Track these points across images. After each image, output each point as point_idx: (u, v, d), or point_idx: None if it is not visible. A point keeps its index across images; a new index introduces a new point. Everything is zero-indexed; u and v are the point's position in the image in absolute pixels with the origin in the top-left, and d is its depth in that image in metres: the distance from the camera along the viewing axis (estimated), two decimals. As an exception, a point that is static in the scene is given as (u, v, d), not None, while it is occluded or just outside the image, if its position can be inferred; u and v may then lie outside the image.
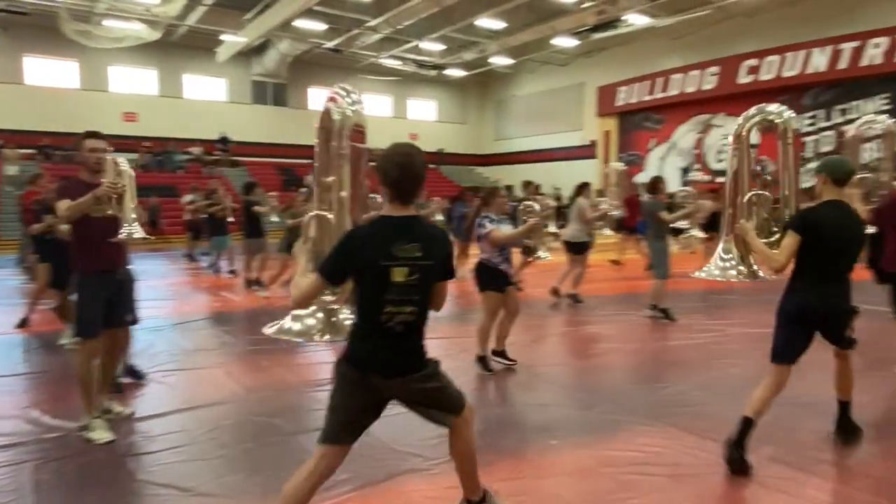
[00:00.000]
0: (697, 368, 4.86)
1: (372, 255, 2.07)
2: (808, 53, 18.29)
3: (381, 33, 20.16)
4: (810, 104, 19.02)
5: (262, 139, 25.52)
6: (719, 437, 3.44)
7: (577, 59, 25.65)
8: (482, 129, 31.88)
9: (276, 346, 5.55)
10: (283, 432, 3.57)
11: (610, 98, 24.70)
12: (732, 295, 8.72)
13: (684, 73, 21.78)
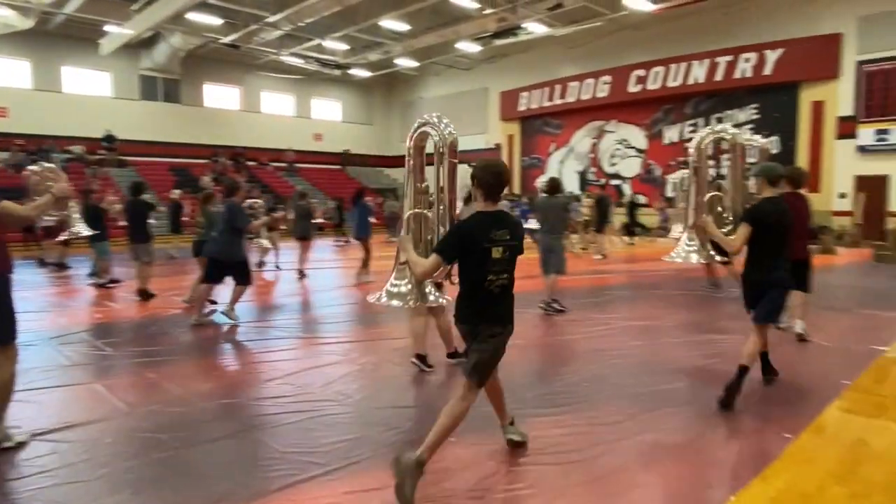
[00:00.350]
0: (587, 361, 5.13)
1: (478, 240, 2.82)
2: (689, 66, 19.85)
3: (282, 30, 19.60)
4: (691, 112, 20.63)
5: (153, 137, 23.98)
6: (606, 424, 3.67)
7: (481, 65, 26.27)
8: (389, 131, 31.81)
9: (164, 358, 5.26)
10: (169, 447, 3.39)
11: (512, 103, 25.52)
12: (622, 291, 9.30)
13: (580, 81, 22.92)
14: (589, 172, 23.85)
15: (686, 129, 20.81)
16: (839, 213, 17.11)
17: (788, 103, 18.32)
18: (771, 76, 18.21)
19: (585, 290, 9.18)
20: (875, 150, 16.76)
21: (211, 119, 25.82)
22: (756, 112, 19.15)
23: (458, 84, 27.74)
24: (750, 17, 18.60)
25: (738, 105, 19.51)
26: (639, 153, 22.22)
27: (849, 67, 17.09)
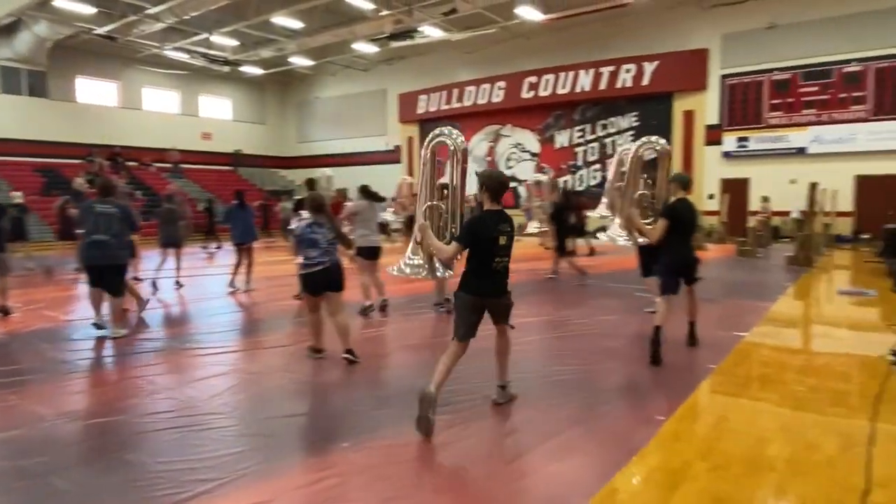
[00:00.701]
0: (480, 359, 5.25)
1: (489, 231, 3.70)
2: (577, 74, 20.98)
3: (165, 23, 18.43)
4: (579, 119, 21.80)
5: (16, 135, 21.68)
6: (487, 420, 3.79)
7: (379, 66, 26.20)
8: (284, 131, 30.89)
9: (28, 378, 4.78)
10: (34, 475, 3.08)
11: (411, 105, 25.66)
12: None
13: (476, 85, 23.50)
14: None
15: (575, 135, 21.96)
16: (708, 212, 18.77)
17: (664, 112, 19.87)
18: (648, 86, 19.68)
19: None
20: (737, 155, 18.60)
21: (85, 115, 23.75)
22: (636, 119, 20.58)
23: (356, 85, 27.50)
24: (629, 30, 19.97)
25: (621, 112, 20.88)
26: (533, 157, 23.14)
27: (714, 80, 18.86)
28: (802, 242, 11.81)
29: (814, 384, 4.54)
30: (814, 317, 7.61)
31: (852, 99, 16.69)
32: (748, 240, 14.28)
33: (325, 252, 5.04)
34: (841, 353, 5.52)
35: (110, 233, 5.99)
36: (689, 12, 19.00)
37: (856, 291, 8.67)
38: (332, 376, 4.82)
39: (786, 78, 17.62)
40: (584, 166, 21.82)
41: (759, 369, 5.04)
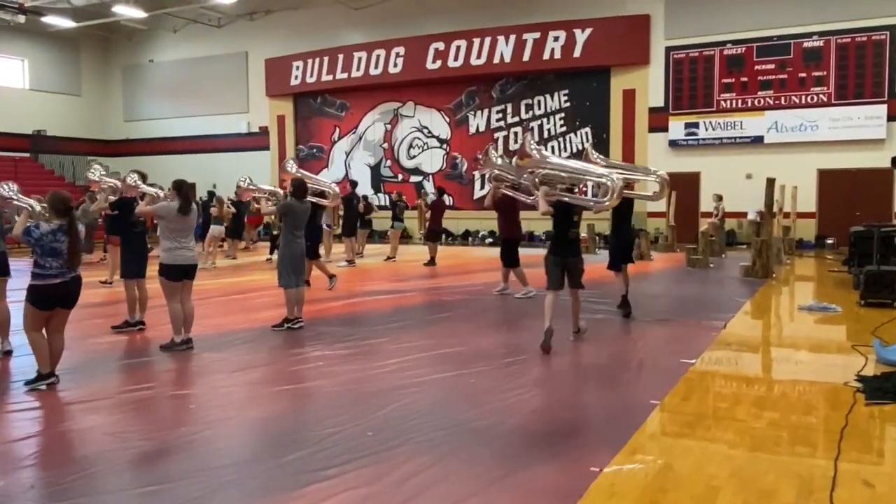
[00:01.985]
0: (377, 402, 5.26)
1: (568, 208, 7.18)
2: (495, 41, 21.58)
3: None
4: (499, 97, 22.44)
5: None
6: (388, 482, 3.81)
7: (238, 21, 25.71)
8: (105, 105, 29.56)
9: None
10: None
11: (283, 75, 25.34)
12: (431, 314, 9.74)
13: (368, 51, 23.59)
14: (383, 166, 24.56)
15: (494, 116, 22.55)
16: (654, 213, 19.86)
17: (600, 91, 20.92)
18: (580, 58, 20.65)
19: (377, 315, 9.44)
20: (685, 145, 19.84)
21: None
22: (567, 100, 21.46)
23: (207, 46, 26.79)
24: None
25: (549, 90, 21.74)
26: (441, 144, 23.49)
27: (658, 53, 20.08)
28: (760, 249, 12.79)
29: (772, 419, 4.92)
30: (772, 338, 8.25)
31: (813, 79, 18.36)
32: (699, 247, 15.25)
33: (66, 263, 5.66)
34: (802, 380, 6.02)
35: None
36: (627, -30, 20.15)
37: (819, 307, 9.49)
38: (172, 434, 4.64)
39: (739, 52, 19.10)
40: (506, 156, 22.41)
41: (710, 403, 5.39)
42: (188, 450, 4.44)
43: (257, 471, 4.03)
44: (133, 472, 4.13)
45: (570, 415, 5.01)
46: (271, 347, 7.46)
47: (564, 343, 7.36)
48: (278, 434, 4.68)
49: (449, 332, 8.12)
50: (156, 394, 5.79)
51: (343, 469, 3.98)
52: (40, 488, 3.82)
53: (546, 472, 3.97)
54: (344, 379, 6.05)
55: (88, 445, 4.57)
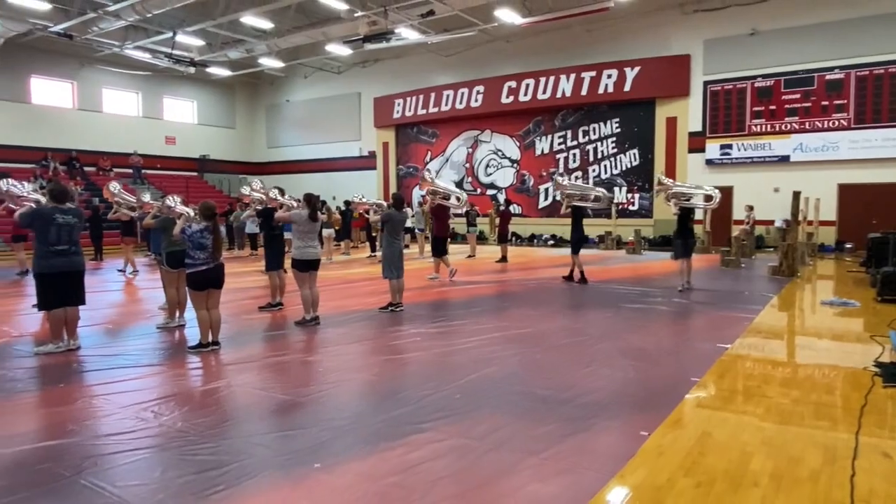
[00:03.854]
0: (462, 372, 5.27)
1: (689, 211, 10.27)
2: (558, 79, 21.23)
3: (126, 20, 18.21)
4: (560, 125, 22.06)
5: (-37, 137, 21.18)
6: (473, 435, 3.80)
7: (353, 68, 26.23)
8: (253, 135, 30.67)
9: None
10: None
11: (387, 110, 25.69)
12: (500, 302, 9.68)
13: (454, 90, 23.63)
14: (465, 182, 24.59)
15: (556, 141, 22.22)
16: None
17: (646, 118, 20.23)
18: (630, 92, 20.01)
19: (458, 302, 9.46)
20: (721, 163, 18.98)
21: (39, 117, 23.27)
22: (618, 126, 20.92)
23: (329, 88, 27.45)
24: (611, 35, 20.32)
25: (602, 119, 21.20)
26: (512, 163, 23.31)
27: (697, 86, 19.25)
28: (786, 252, 12.09)
29: (797, 397, 4.64)
30: (797, 328, 7.78)
31: (834, 107, 17.19)
32: (732, 249, 14.56)
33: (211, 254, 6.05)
34: (825, 364, 5.65)
35: (74, 240, 6.06)
36: (670, 18, 19.42)
37: (840, 302, 8.89)
38: (303, 391, 4.78)
39: (768, 85, 18.08)
40: (565, 173, 22.06)
41: (743, 382, 5.13)
42: (316, 403, 4.57)
43: (370, 422, 4.10)
44: (274, 419, 4.28)
45: (622, 388, 4.86)
46: (378, 325, 7.57)
47: (616, 329, 7.18)
48: (385, 393, 4.75)
49: (518, 316, 8.04)
50: (292, 359, 5.99)
51: (437, 423, 4.01)
52: (204, 428, 4.00)
53: (602, 434, 3.89)
54: (435, 352, 6.08)
55: (240, 398, 4.76)
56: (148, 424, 4.08)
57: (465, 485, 3.15)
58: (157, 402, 4.57)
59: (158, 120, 27.17)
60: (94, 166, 24.20)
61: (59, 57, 23.07)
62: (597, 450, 3.62)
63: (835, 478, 3.23)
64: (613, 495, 3.05)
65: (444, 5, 16.93)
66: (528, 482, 3.18)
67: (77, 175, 22.84)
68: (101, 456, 3.59)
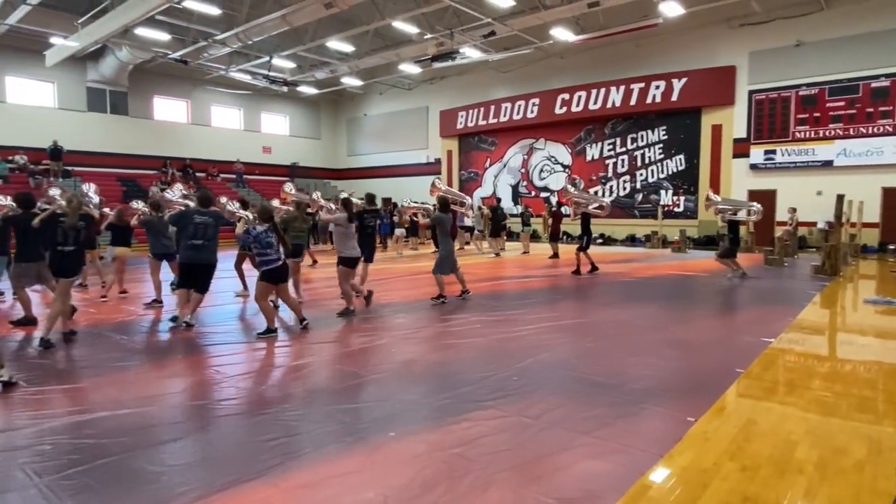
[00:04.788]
0: (518, 357, 5.22)
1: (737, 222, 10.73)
2: (608, 91, 20.64)
3: (231, 47, 19.02)
4: (610, 133, 21.44)
5: (100, 148, 22.72)
6: (530, 414, 3.75)
7: (422, 85, 26.40)
8: (335, 145, 31.43)
9: (112, 365, 4.99)
10: (112, 453, 3.21)
11: (451, 121, 25.73)
12: (552, 294, 9.53)
13: (512, 102, 23.39)
14: (521, 186, 24.34)
15: (606, 148, 21.63)
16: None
17: (692, 126, 19.37)
18: (677, 102, 19.21)
19: (513, 293, 9.37)
20: (764, 168, 17.96)
21: (160, 131, 24.70)
22: (665, 133, 20.13)
23: (401, 102, 27.75)
24: (659, 49, 19.57)
25: (650, 127, 20.45)
26: (564, 168, 22.88)
27: (742, 96, 18.26)
28: (829, 252, 11.32)
29: (840, 390, 4.34)
30: (840, 325, 7.27)
31: (879, 113, 15.92)
32: (775, 249, 13.76)
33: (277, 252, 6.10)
34: (867, 360, 5.26)
35: (210, 237, 6.49)
36: (717, 32, 18.50)
37: (882, 301, 8.25)
38: (377, 369, 4.86)
39: (813, 93, 16.93)
40: (613, 177, 21.47)
41: (787, 375, 4.84)
42: (388, 380, 4.63)
43: (436, 398, 4.13)
44: (351, 392, 4.37)
45: (669, 376, 4.68)
46: (440, 313, 7.57)
47: (662, 321, 6.93)
48: (449, 373, 4.77)
49: (570, 308, 7.90)
50: (365, 341, 6.05)
51: (496, 402, 3.99)
52: (291, 398, 4.14)
53: (650, 419, 3.76)
54: (493, 338, 6.05)
55: (322, 372, 4.89)
56: (246, 392, 4.26)
57: (523, 458, 3.12)
58: (252, 374, 4.76)
59: (257, 132, 28.27)
60: (204, 172, 25.44)
61: (176, 80, 24.38)
62: (645, 432, 3.51)
63: (880, 468, 3.00)
64: (662, 474, 2.95)
65: (504, 26, 16.77)
66: (581, 458, 3.12)
67: (190, 180, 24.06)
68: (213, 418, 3.77)
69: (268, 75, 21.23)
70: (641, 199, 20.64)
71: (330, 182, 30.62)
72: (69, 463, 3.09)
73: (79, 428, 3.58)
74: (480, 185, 25.41)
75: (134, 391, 4.30)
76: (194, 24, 17.87)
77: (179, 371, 4.92)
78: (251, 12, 16.69)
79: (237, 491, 2.78)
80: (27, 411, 3.89)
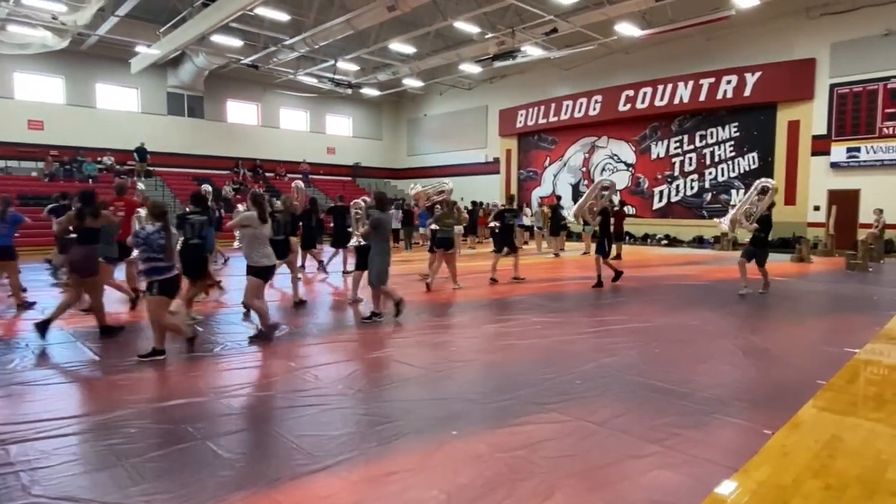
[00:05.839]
0: (581, 360, 5.10)
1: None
2: (675, 86, 19.85)
3: (299, 52, 19.68)
4: (677, 130, 20.62)
5: (178, 150, 24.09)
6: (594, 419, 3.65)
7: (482, 84, 26.34)
8: (396, 145, 31.89)
9: (190, 355, 5.26)
10: (191, 438, 3.38)
11: (510, 120, 25.54)
12: (619, 296, 9.26)
13: (573, 100, 22.93)
14: (581, 185, 23.83)
15: (672, 146, 20.82)
16: (813, 224, 17.14)
17: (766, 122, 18.33)
18: (750, 97, 18.23)
19: (576, 294, 9.18)
20: (847, 166, 16.75)
21: (232, 133, 25.91)
22: (736, 130, 19.16)
23: (460, 102, 27.81)
24: (730, 42, 18.64)
25: (720, 123, 19.52)
26: (628, 167, 22.21)
27: (822, 89, 17.10)
28: (922, 257, 10.40)
29: (940, 408, 3.97)
30: (936, 336, 6.67)
31: (984, 106, 14.50)
32: (858, 253, 12.81)
33: None
34: (971, 376, 4.79)
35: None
36: (794, 22, 17.40)
37: None
38: (436, 368, 4.88)
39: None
40: (680, 176, 20.64)
41: (874, 388, 4.48)
42: (451, 378, 4.63)
43: (498, 398, 4.09)
44: (415, 388, 4.40)
45: (742, 385, 4.44)
46: (501, 313, 7.53)
47: (734, 327, 6.59)
48: (510, 374, 4.72)
49: (634, 311, 7.63)
50: (427, 338, 6.09)
51: (559, 406, 3.91)
52: (359, 391, 4.22)
53: (722, 429, 3.57)
54: (554, 340, 5.94)
55: (388, 368, 4.95)
56: (311, 386, 4.37)
57: (588, 464, 3.04)
58: (318, 367, 4.89)
59: (322, 133, 29.12)
60: (272, 172, 26.47)
61: (248, 84, 25.48)
62: (717, 444, 3.34)
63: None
64: (736, 489, 2.80)
65: (566, 23, 16.46)
66: (649, 468, 3.01)
67: (260, 179, 25.09)
68: (282, 409, 3.90)
69: (333, 78, 21.83)
70: (710, 199, 19.74)
71: (390, 182, 31.12)
72: (151, 446, 3.27)
73: (160, 413, 3.79)
74: (539, 185, 25.09)
75: (209, 381, 4.52)
76: (265, 31, 18.59)
77: (252, 362, 5.13)
78: (318, 17, 17.19)
79: (304, 481, 2.86)
80: (120, 395, 4.16)
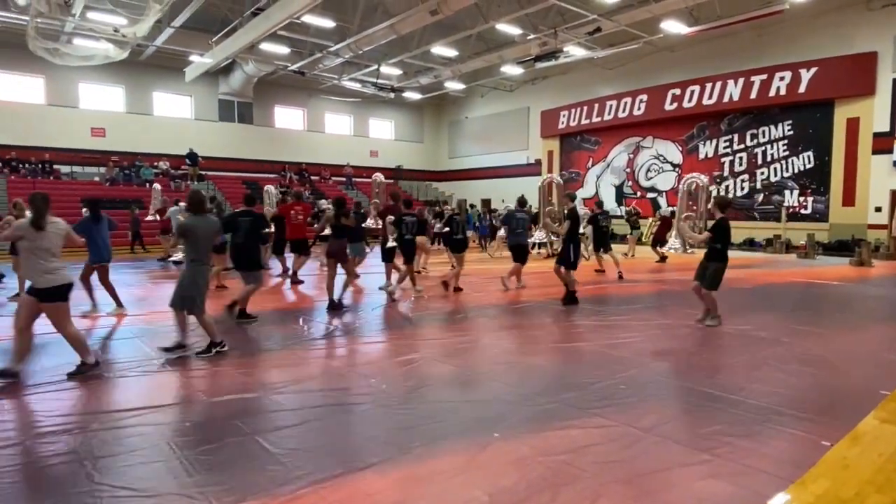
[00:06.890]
0: (626, 364, 4.99)
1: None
2: (724, 84, 19.21)
3: (343, 57, 20.04)
4: (726, 129, 19.94)
5: (228, 154, 24.95)
6: (640, 425, 3.56)
7: (523, 86, 26.18)
8: (438, 148, 32.06)
9: (243, 351, 5.42)
10: (243, 433, 3.48)
11: (552, 121, 25.27)
12: (661, 300, 9.03)
13: (617, 100, 22.51)
14: (626, 186, 23.36)
15: (721, 145, 20.15)
16: (874, 226, 16.23)
17: (823, 120, 17.50)
18: (805, 94, 17.46)
19: (619, 298, 8.99)
20: (912, 164, 15.81)
21: (279, 138, 26.64)
22: (790, 128, 18.36)
23: (502, 104, 27.71)
24: (784, 37, 17.91)
25: (773, 122, 18.76)
26: (674, 168, 21.62)
27: (884, 84, 16.21)
28: None
29: None
30: None
31: None
32: (925, 256, 12.06)
33: None
34: None
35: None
36: (853, 15, 16.57)
37: None
38: (479, 369, 4.87)
39: (977, 78, 14.64)
40: (730, 176, 19.94)
41: (945, 400, 4.20)
42: (493, 379, 4.61)
43: (541, 401, 4.04)
44: (458, 389, 4.40)
45: (797, 394, 4.23)
46: (545, 316, 7.43)
47: (787, 333, 6.30)
48: (553, 377, 4.66)
49: (681, 315, 7.39)
50: (470, 339, 6.04)
51: (603, 411, 3.84)
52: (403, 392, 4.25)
53: (776, 440, 3.41)
54: (599, 344, 5.83)
55: (431, 369, 4.96)
56: (358, 386, 4.44)
57: (634, 471, 2.97)
58: (363, 367, 4.95)
59: (365, 137, 29.58)
60: (318, 175, 27.06)
61: (294, 90, 26.15)
62: (772, 454, 3.19)
63: None
64: (793, 502, 2.67)
65: (610, 22, 16.18)
66: (699, 477, 2.91)
67: (306, 182, 25.68)
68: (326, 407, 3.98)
69: (376, 82, 22.13)
70: (762, 200, 18.99)
71: (432, 184, 31.30)
72: (204, 440, 3.39)
73: (214, 408, 3.92)
74: (582, 186, 24.70)
75: (260, 378, 4.65)
76: (311, 37, 19.03)
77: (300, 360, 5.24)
78: (362, 23, 17.47)
79: (349, 478, 2.90)
80: (174, 391, 4.34)
